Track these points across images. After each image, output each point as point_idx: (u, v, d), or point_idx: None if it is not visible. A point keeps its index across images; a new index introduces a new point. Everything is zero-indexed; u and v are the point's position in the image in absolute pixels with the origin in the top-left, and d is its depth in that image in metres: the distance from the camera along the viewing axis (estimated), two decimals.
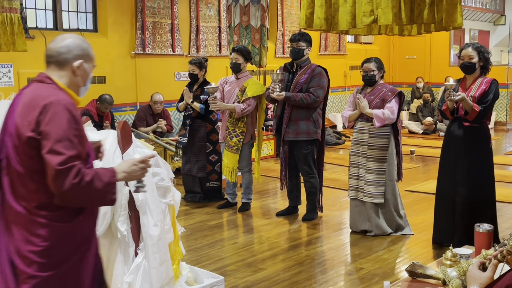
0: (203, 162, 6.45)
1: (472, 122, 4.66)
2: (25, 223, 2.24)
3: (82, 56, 2.40)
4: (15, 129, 2.23)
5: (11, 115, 2.27)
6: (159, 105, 8.25)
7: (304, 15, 3.21)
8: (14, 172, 2.25)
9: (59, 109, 2.21)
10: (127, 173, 2.34)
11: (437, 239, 4.98)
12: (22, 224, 2.24)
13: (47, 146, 2.17)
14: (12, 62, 7.34)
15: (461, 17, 2.82)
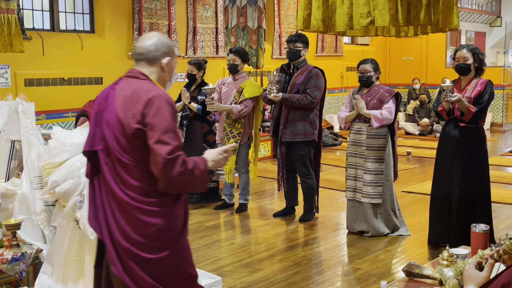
0: None
1: (467, 123, 4.68)
2: (131, 209, 2.39)
3: (169, 53, 2.56)
4: (118, 122, 2.40)
5: (108, 109, 2.44)
6: None
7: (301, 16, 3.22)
8: (117, 162, 2.40)
9: (162, 102, 2.38)
10: (215, 161, 2.50)
11: (433, 239, 4.99)
12: (128, 211, 2.39)
13: (154, 137, 2.34)
14: (9, 63, 7.33)
15: (457, 19, 2.84)
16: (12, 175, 3.58)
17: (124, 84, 2.50)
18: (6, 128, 3.64)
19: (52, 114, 7.86)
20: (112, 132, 2.42)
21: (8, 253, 3.16)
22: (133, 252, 2.39)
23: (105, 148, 2.44)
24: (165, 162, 2.32)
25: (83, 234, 2.98)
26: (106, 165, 2.43)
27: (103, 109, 2.47)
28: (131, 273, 2.39)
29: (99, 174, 2.48)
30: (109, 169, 2.43)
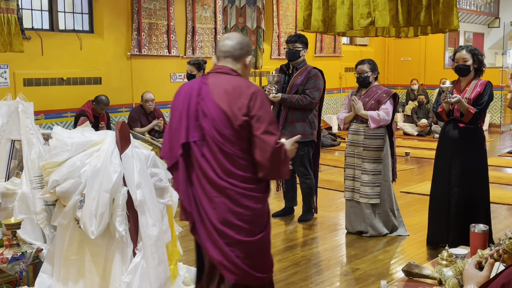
0: None
1: (467, 124, 4.70)
2: (231, 196, 2.57)
3: (250, 52, 2.77)
4: (222, 114, 2.57)
5: (204, 102, 2.62)
6: (150, 103, 8.24)
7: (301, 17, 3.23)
8: (219, 151, 2.57)
9: (263, 96, 2.62)
10: (290, 151, 2.71)
11: (432, 240, 5.01)
12: (228, 197, 2.57)
13: (261, 128, 2.55)
14: (8, 62, 7.33)
15: (457, 20, 2.85)
16: (12, 175, 3.58)
17: (217, 79, 2.67)
18: (6, 128, 3.64)
19: (51, 114, 7.86)
20: (212, 124, 2.58)
21: (8, 252, 3.16)
22: (229, 235, 2.57)
23: (201, 139, 2.60)
24: (273, 150, 2.54)
25: (83, 234, 2.98)
26: (202, 155, 2.60)
27: (196, 102, 2.63)
28: (226, 255, 2.56)
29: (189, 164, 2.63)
30: (206, 159, 2.59)
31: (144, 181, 2.93)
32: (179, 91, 2.77)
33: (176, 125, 2.65)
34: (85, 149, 3.03)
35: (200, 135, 2.60)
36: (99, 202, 2.86)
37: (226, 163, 2.57)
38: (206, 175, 2.59)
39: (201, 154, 2.60)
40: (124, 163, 2.93)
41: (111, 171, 2.86)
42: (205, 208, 2.59)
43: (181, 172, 2.64)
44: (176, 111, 2.68)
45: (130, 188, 2.91)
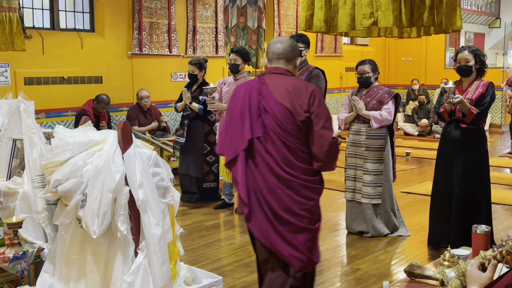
0: (200, 162, 6.46)
1: (468, 124, 4.70)
2: (293, 187, 2.76)
3: (298, 54, 3.03)
4: (285, 111, 2.79)
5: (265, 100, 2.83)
6: (146, 100, 8.25)
7: (304, 17, 3.23)
8: (283, 145, 2.78)
9: (320, 94, 2.87)
10: None
11: (433, 240, 5.00)
12: (291, 188, 2.76)
13: (320, 123, 2.78)
14: (8, 61, 7.32)
15: (460, 20, 2.84)
16: (13, 174, 3.57)
17: (275, 79, 2.91)
18: (8, 127, 3.63)
19: (51, 113, 7.85)
20: (274, 120, 2.80)
21: (9, 251, 3.15)
22: (293, 223, 2.76)
23: (264, 135, 2.81)
24: (330, 145, 2.77)
25: (85, 233, 2.98)
26: (266, 151, 2.80)
27: (257, 101, 2.85)
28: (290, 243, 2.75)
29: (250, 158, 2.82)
30: (270, 153, 2.80)
31: (146, 181, 2.92)
32: (237, 91, 2.98)
33: (237, 122, 2.85)
34: (87, 149, 3.03)
35: (263, 131, 2.81)
36: (102, 202, 2.85)
37: (289, 156, 2.78)
38: (271, 168, 2.79)
39: (265, 149, 2.81)
40: (126, 162, 2.92)
41: (113, 170, 2.86)
42: (268, 199, 2.77)
43: (240, 165, 2.83)
44: (236, 110, 2.88)
45: (132, 188, 2.90)
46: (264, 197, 2.79)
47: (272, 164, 2.78)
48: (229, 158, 2.89)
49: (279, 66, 2.95)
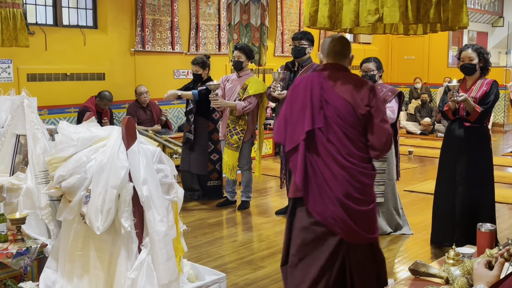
0: (204, 160, 6.44)
1: (472, 123, 4.68)
2: (353, 174, 3.04)
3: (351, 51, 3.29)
4: (347, 104, 3.05)
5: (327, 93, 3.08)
6: (145, 95, 8.23)
7: (308, 13, 3.20)
8: (343, 136, 3.04)
9: (377, 89, 3.16)
10: None
11: (436, 239, 4.99)
12: (350, 175, 3.04)
13: (379, 117, 3.06)
14: (11, 57, 7.32)
15: (466, 17, 2.82)
16: (17, 170, 3.56)
17: (335, 74, 3.15)
18: (12, 123, 3.62)
19: (54, 109, 7.85)
20: (336, 112, 3.05)
21: (13, 247, 3.15)
22: (351, 206, 3.04)
23: (326, 126, 3.05)
24: (388, 136, 3.07)
25: (89, 229, 2.97)
26: (328, 140, 3.05)
27: (319, 94, 3.08)
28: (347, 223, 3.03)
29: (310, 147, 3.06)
30: (332, 143, 3.05)
31: (150, 177, 2.92)
32: (297, 84, 3.22)
33: (299, 113, 3.09)
34: (91, 145, 3.02)
35: (325, 122, 3.05)
36: (106, 198, 2.84)
37: (349, 146, 3.04)
38: (333, 157, 3.03)
39: (327, 139, 3.05)
40: (130, 158, 2.91)
41: (118, 166, 2.85)
42: (331, 185, 3.04)
43: (301, 154, 3.06)
44: (297, 101, 3.11)
45: (136, 184, 2.90)
46: (327, 183, 3.04)
47: (334, 153, 3.04)
48: (290, 147, 3.12)
49: (336, 62, 3.20)
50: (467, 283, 2.16)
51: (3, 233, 3.24)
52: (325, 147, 3.04)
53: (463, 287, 2.17)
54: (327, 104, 3.06)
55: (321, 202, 3.05)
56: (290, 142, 3.13)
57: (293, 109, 3.14)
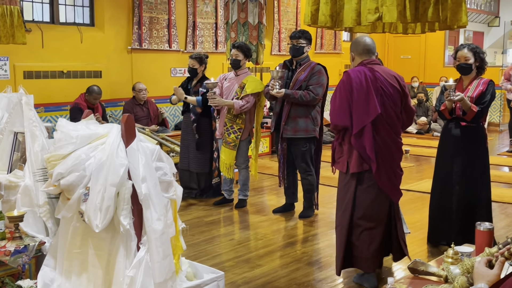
0: (205, 159, 6.43)
1: (469, 122, 4.69)
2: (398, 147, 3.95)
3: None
4: (394, 91, 3.82)
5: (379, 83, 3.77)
6: (144, 92, 8.23)
7: (309, 11, 3.21)
8: (395, 119, 3.85)
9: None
10: None
11: (433, 238, 5.00)
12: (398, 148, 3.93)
13: (408, 99, 3.96)
14: (8, 55, 7.29)
15: (465, 16, 2.83)
16: (14, 167, 3.55)
17: (378, 68, 3.86)
18: (9, 120, 3.61)
19: (50, 107, 7.83)
20: (391, 99, 3.80)
21: (10, 245, 3.13)
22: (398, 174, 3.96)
23: (384, 110, 3.77)
24: (413, 114, 4.09)
25: (87, 227, 2.96)
26: (387, 123, 3.80)
27: (377, 84, 3.76)
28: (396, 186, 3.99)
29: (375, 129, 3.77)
30: (389, 124, 3.81)
31: (149, 175, 2.91)
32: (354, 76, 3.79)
33: (363, 100, 3.74)
34: (90, 142, 3.00)
35: (383, 107, 3.76)
36: (105, 196, 2.82)
37: (397, 125, 3.86)
38: (390, 136, 3.83)
39: (386, 122, 3.79)
40: (130, 156, 2.90)
41: (117, 164, 2.83)
42: (390, 160, 3.85)
43: (368, 134, 3.75)
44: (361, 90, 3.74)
45: (135, 182, 2.88)
46: (387, 159, 3.83)
47: (391, 133, 3.82)
48: (358, 129, 3.77)
49: (372, 58, 3.89)
50: (467, 281, 2.17)
51: (1, 230, 3.23)
52: (384, 128, 3.79)
53: (463, 285, 2.18)
54: (384, 91, 3.76)
55: (385, 173, 3.83)
56: (357, 125, 3.77)
57: (357, 97, 3.76)
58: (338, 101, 3.85)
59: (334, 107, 3.94)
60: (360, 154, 3.82)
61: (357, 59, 3.97)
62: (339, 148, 4.02)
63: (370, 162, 3.80)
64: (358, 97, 3.74)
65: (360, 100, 3.74)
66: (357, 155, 3.83)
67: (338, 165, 4.05)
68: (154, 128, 8.12)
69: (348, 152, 3.89)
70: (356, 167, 3.85)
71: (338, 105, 3.84)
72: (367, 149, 3.76)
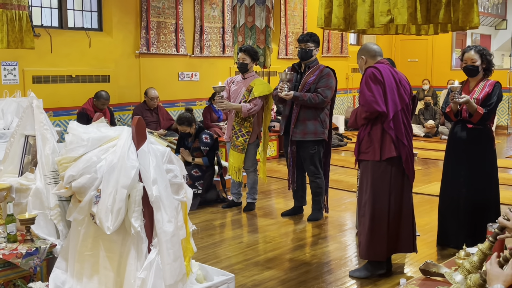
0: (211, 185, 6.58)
1: (475, 124, 4.68)
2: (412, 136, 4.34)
3: None
4: (409, 88, 4.24)
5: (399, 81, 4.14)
6: (155, 100, 8.26)
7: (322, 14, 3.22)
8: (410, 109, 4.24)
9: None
10: None
11: (442, 240, 4.99)
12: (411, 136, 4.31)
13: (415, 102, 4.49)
14: (17, 60, 7.34)
15: (477, 17, 2.83)
16: (25, 170, 3.56)
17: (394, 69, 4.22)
18: (20, 123, 3.63)
19: (59, 111, 7.87)
20: (407, 95, 4.18)
21: (22, 247, 3.15)
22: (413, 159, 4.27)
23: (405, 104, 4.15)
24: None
25: (98, 229, 2.97)
26: (408, 113, 4.20)
27: (399, 81, 4.14)
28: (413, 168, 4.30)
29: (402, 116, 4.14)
30: (409, 114, 4.23)
31: (160, 177, 2.92)
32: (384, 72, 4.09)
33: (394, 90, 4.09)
34: (101, 145, 3.02)
35: (404, 102, 4.15)
36: (116, 198, 2.84)
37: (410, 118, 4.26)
38: (409, 124, 4.21)
39: (408, 112, 4.20)
40: (140, 158, 2.91)
41: (128, 166, 2.85)
42: (412, 145, 4.22)
43: (400, 120, 4.09)
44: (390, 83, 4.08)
45: (146, 184, 2.90)
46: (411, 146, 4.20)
47: (410, 121, 4.20)
48: (393, 114, 4.08)
49: (384, 60, 4.26)
50: (480, 278, 2.15)
51: (13, 233, 3.24)
52: (406, 117, 4.16)
53: (476, 282, 2.17)
54: (404, 87, 4.16)
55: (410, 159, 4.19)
56: (392, 110, 4.09)
57: (388, 87, 4.08)
58: (374, 89, 4.07)
59: (369, 95, 4.10)
60: (393, 140, 4.10)
61: (369, 61, 4.26)
62: (368, 138, 4.18)
63: (402, 147, 4.11)
64: (389, 87, 4.07)
65: (390, 90, 4.07)
66: (390, 141, 4.10)
67: (368, 155, 4.20)
68: (162, 133, 8.14)
69: (381, 140, 4.12)
70: (390, 152, 4.11)
71: (375, 92, 4.07)
72: (400, 135, 4.10)
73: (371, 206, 4.20)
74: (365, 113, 4.15)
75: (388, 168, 4.16)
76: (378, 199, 4.19)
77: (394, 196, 4.20)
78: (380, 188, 4.19)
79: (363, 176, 4.30)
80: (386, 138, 4.12)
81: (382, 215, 4.18)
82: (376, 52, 4.24)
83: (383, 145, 4.13)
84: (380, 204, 4.19)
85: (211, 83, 6.65)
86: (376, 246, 4.20)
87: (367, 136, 4.19)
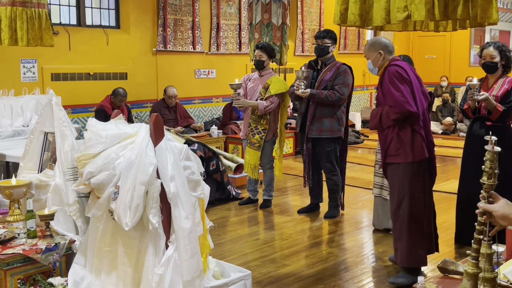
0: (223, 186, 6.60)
1: (494, 122, 4.64)
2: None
3: None
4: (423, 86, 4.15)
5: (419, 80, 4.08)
6: (174, 99, 8.30)
7: (338, 11, 3.21)
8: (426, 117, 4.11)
9: None
10: None
11: (460, 238, 4.95)
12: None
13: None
14: (36, 57, 7.42)
15: (496, 13, 2.80)
16: (45, 167, 3.61)
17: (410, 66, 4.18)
18: (40, 120, 3.67)
19: (77, 108, 7.93)
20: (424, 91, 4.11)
21: (42, 243, 3.19)
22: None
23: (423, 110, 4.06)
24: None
25: (117, 225, 3.00)
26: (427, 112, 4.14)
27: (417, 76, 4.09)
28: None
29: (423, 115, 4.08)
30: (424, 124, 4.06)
31: (177, 174, 2.94)
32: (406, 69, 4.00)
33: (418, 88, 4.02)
34: (119, 142, 3.04)
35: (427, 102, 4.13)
36: (134, 194, 2.86)
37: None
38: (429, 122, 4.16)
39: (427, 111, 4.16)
40: (158, 155, 2.93)
41: (146, 163, 2.87)
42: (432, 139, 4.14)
43: (428, 119, 4.10)
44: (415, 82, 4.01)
45: (163, 181, 2.92)
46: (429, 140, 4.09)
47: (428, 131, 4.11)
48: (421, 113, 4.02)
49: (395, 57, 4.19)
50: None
51: (32, 229, 3.29)
52: (427, 118, 4.11)
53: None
54: (422, 85, 4.14)
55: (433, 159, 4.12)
56: (421, 109, 4.03)
57: (416, 86, 4.03)
58: (403, 89, 3.94)
59: (398, 95, 3.94)
60: (424, 140, 4.02)
61: (387, 57, 4.11)
62: (397, 140, 4.01)
63: (431, 146, 4.09)
64: (415, 86, 4.00)
65: (417, 88, 4.01)
66: (421, 140, 4.01)
67: (398, 157, 4.03)
68: (180, 130, 8.17)
69: (411, 140, 3.99)
70: (422, 153, 4.01)
71: (405, 92, 3.95)
72: (428, 134, 4.09)
73: (408, 210, 4.03)
74: (396, 115, 3.96)
75: (420, 169, 4.04)
76: (414, 202, 4.04)
77: (428, 197, 4.13)
78: (415, 191, 4.04)
79: (394, 180, 4.12)
80: (417, 139, 3.99)
81: (419, 218, 4.06)
82: (393, 48, 4.13)
83: (414, 146, 3.99)
84: (417, 207, 4.05)
85: (227, 80, 6.66)
86: (417, 251, 4.04)
87: (396, 138, 4.02)
